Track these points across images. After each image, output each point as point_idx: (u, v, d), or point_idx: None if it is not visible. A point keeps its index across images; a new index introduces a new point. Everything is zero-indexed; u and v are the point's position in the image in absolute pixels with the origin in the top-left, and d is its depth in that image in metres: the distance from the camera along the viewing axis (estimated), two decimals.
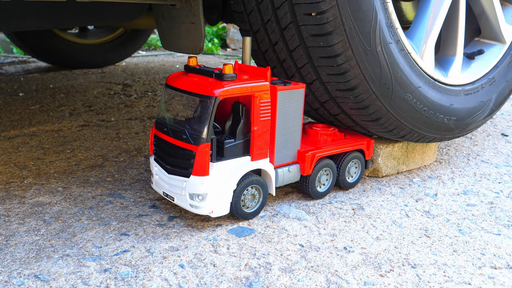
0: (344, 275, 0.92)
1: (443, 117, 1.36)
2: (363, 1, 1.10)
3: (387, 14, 1.17)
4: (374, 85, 1.19)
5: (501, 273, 0.95)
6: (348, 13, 1.09)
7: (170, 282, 0.88)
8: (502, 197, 1.32)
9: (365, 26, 1.13)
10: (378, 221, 1.15)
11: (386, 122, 1.27)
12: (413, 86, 1.26)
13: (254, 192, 1.11)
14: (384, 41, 1.17)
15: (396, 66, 1.21)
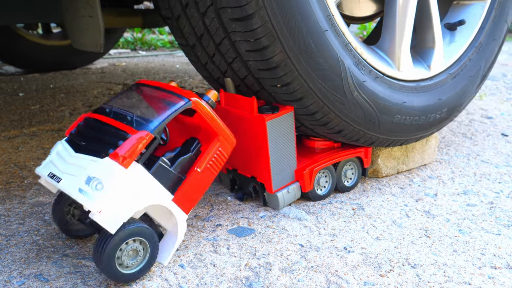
0: (344, 275, 0.92)
1: (434, 114, 1.34)
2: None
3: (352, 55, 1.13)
4: (359, 124, 1.19)
5: (501, 273, 0.95)
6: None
7: (170, 282, 0.88)
8: (502, 197, 1.32)
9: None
10: (378, 221, 1.15)
11: (379, 143, 1.29)
12: (397, 107, 1.23)
13: (137, 247, 0.86)
14: (357, 81, 1.14)
15: (375, 101, 1.18)
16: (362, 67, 1.15)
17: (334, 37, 1.08)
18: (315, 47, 1.04)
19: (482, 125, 2.10)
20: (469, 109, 2.39)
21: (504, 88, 3.15)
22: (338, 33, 1.09)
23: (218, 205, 1.21)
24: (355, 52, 1.14)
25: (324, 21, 1.05)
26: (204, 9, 1.04)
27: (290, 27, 1.00)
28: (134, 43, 4.33)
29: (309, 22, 1.02)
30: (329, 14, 1.07)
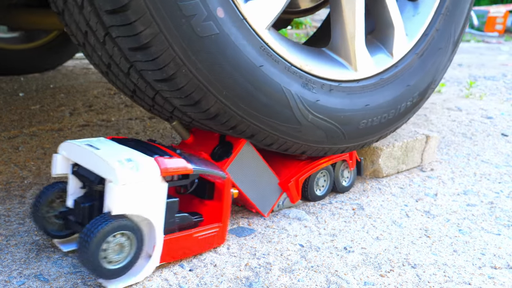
0: (344, 275, 0.92)
1: (405, 103, 1.25)
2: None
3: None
4: (322, 143, 1.13)
5: (501, 273, 0.95)
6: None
7: (170, 282, 0.88)
8: (502, 197, 1.32)
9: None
10: (378, 221, 1.15)
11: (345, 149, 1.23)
12: (360, 112, 1.15)
13: (123, 242, 0.85)
14: (309, 104, 1.06)
15: (334, 117, 1.10)
16: (312, 84, 1.06)
17: (272, 68, 0.98)
18: (253, 88, 0.96)
19: (482, 125, 2.10)
20: (469, 109, 2.40)
21: (504, 88, 3.14)
22: (276, 60, 0.99)
23: None
24: (301, 72, 1.04)
25: (258, 55, 0.96)
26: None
27: (221, 79, 0.92)
28: None
29: (241, 67, 0.93)
30: (262, 44, 0.97)
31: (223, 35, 0.90)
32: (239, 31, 0.92)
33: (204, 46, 0.88)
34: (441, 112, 2.31)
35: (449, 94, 2.80)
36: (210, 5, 0.87)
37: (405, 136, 1.48)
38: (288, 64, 1.02)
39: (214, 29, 0.88)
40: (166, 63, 0.86)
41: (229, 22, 0.91)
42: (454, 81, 3.38)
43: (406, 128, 1.58)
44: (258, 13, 0.96)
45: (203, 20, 0.87)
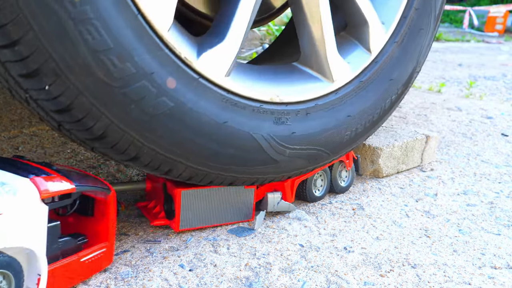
0: (344, 275, 0.92)
1: (389, 98, 1.16)
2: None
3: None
4: (307, 166, 1.09)
5: (501, 273, 0.95)
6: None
7: (170, 282, 0.88)
8: (502, 197, 1.32)
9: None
10: (378, 221, 1.15)
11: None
12: (344, 125, 1.09)
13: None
14: (285, 139, 1.00)
15: (313, 142, 1.04)
16: (286, 116, 0.99)
17: (238, 117, 0.93)
18: (219, 146, 0.92)
19: (482, 125, 2.10)
20: (469, 109, 2.40)
21: (504, 88, 3.14)
22: (243, 107, 0.93)
23: None
24: (272, 107, 0.97)
25: (221, 110, 0.90)
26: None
27: (185, 148, 0.89)
28: None
29: (204, 131, 0.89)
30: (224, 96, 0.91)
31: (179, 106, 0.85)
32: (195, 93, 0.87)
33: (161, 123, 0.84)
34: (441, 112, 2.31)
35: (449, 94, 2.80)
36: (159, 80, 0.81)
37: (405, 136, 1.48)
38: (257, 104, 0.95)
39: (168, 103, 0.84)
40: (126, 147, 0.85)
41: (183, 89, 0.85)
42: (454, 81, 3.38)
43: (406, 128, 1.58)
44: (215, 64, 0.89)
45: (154, 98, 0.82)
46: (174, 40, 0.83)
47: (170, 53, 0.83)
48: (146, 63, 0.80)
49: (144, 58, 0.79)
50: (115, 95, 0.78)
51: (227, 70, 0.90)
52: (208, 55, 0.88)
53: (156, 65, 0.81)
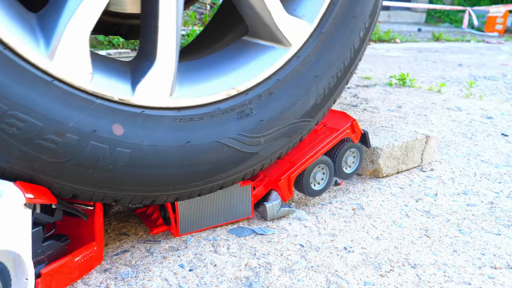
0: (344, 275, 0.92)
1: (310, 102, 1.03)
2: None
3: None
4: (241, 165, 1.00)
5: (501, 273, 0.95)
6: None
7: (170, 282, 0.88)
8: (502, 197, 1.32)
9: None
10: (378, 221, 1.15)
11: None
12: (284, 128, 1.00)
13: None
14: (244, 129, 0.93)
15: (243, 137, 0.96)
16: (250, 106, 0.93)
17: (199, 130, 0.88)
18: (192, 168, 0.89)
19: (482, 125, 2.10)
20: (469, 109, 2.40)
21: (504, 88, 3.14)
22: (200, 117, 0.87)
23: None
24: (235, 100, 0.92)
25: (178, 132, 0.85)
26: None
27: (160, 182, 0.86)
28: (134, 42, 4.32)
29: (168, 161, 0.86)
30: (177, 116, 0.85)
31: (135, 149, 0.81)
32: (146, 128, 0.82)
33: (126, 173, 0.81)
34: (441, 112, 2.31)
35: (449, 94, 2.80)
36: (105, 133, 0.78)
37: (405, 136, 1.48)
38: (213, 108, 0.89)
39: (124, 152, 0.80)
40: (102, 198, 0.85)
41: (134, 131, 0.80)
42: (454, 81, 3.38)
43: (406, 128, 1.58)
44: (154, 91, 0.82)
45: (109, 153, 0.78)
46: (101, 87, 0.77)
47: (103, 102, 0.77)
48: (85, 123, 0.75)
49: (80, 119, 0.74)
50: (69, 168, 0.75)
51: (169, 90, 0.83)
52: (143, 85, 0.81)
53: (95, 120, 0.76)
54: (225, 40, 1.04)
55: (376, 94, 2.70)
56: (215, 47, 1.03)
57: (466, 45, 6.76)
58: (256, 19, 0.94)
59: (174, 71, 0.84)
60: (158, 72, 0.82)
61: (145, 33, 0.83)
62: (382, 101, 2.52)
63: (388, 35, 6.70)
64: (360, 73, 3.52)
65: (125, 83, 0.80)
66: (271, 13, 0.92)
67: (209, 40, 1.12)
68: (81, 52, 0.74)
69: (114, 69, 0.81)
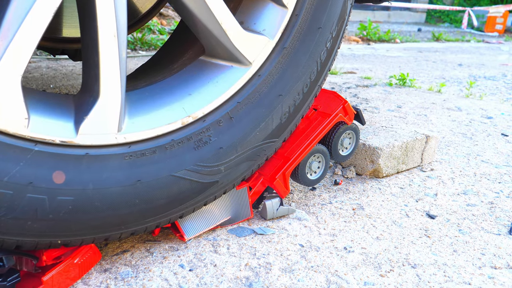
0: (344, 275, 0.92)
1: (269, 122, 0.97)
2: None
3: None
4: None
5: (501, 273, 0.95)
6: None
7: (170, 282, 0.88)
8: (502, 197, 1.32)
9: None
10: (378, 221, 1.15)
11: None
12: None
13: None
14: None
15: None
16: (206, 134, 0.87)
17: (149, 165, 0.82)
18: (146, 205, 0.84)
19: (482, 125, 2.10)
20: (469, 109, 2.40)
21: (504, 88, 3.15)
22: (147, 153, 0.82)
23: None
24: (186, 132, 0.85)
25: (129, 170, 0.80)
26: None
27: (114, 221, 0.81)
28: (134, 43, 4.32)
29: (120, 204, 0.81)
30: (126, 153, 0.80)
31: (80, 194, 0.75)
32: (92, 170, 0.76)
33: (71, 219, 0.76)
34: (441, 112, 2.31)
35: (449, 94, 2.80)
36: (43, 183, 0.72)
37: (405, 136, 1.48)
38: (168, 139, 0.83)
39: (67, 199, 0.74)
40: (48, 246, 0.80)
41: (77, 176, 0.74)
42: (454, 81, 3.38)
43: (406, 128, 1.58)
44: (99, 129, 0.77)
45: (48, 203, 0.73)
46: (40, 131, 0.70)
47: (42, 148, 0.71)
48: (21, 176, 0.69)
49: (16, 172, 0.68)
50: (5, 223, 0.71)
51: (117, 126, 0.77)
52: (87, 124, 0.75)
53: (33, 170, 0.70)
54: (183, 59, 0.97)
55: (376, 94, 2.70)
56: (172, 68, 0.96)
57: (466, 45, 6.77)
58: (210, 38, 0.88)
59: (121, 105, 0.77)
60: (103, 108, 0.75)
61: (86, 67, 0.77)
62: (382, 101, 2.52)
63: (388, 35, 6.70)
64: (360, 73, 3.52)
65: (67, 121, 0.74)
66: (225, 31, 0.86)
67: (166, 59, 1.04)
68: (13, 97, 0.66)
69: (55, 107, 0.74)
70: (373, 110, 2.30)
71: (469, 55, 5.24)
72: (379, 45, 6.14)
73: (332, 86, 2.94)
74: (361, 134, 1.48)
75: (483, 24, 9.69)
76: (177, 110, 0.84)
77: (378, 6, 11.00)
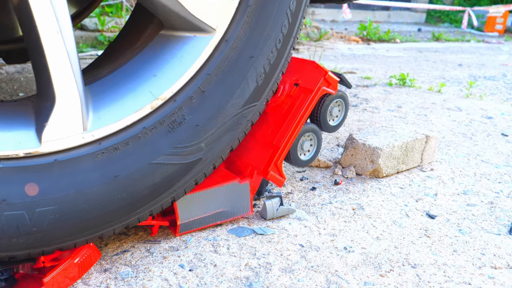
0: (344, 275, 0.92)
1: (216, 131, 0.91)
2: None
3: None
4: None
5: (501, 273, 0.95)
6: None
7: (170, 282, 0.88)
8: (502, 197, 1.32)
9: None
10: (378, 221, 1.15)
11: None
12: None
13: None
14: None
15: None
16: (179, 113, 0.83)
17: (124, 159, 0.79)
18: (132, 198, 0.83)
19: (482, 125, 2.10)
20: (469, 109, 2.40)
21: (504, 88, 3.15)
22: (120, 147, 0.79)
23: None
24: (156, 116, 0.81)
25: (105, 168, 0.78)
26: None
27: (100, 219, 0.80)
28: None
29: (103, 203, 0.80)
30: (98, 152, 0.77)
31: (60, 202, 0.73)
32: (66, 175, 0.73)
33: (57, 228, 0.75)
34: (441, 112, 2.31)
35: (449, 94, 2.80)
36: (17, 199, 0.70)
37: (405, 136, 1.48)
38: (140, 127, 0.79)
39: (47, 210, 0.72)
40: (40, 255, 0.81)
41: (52, 184, 0.72)
42: (454, 81, 3.38)
43: (406, 128, 1.58)
44: (64, 132, 0.73)
45: (29, 217, 0.71)
46: (1, 147, 0.68)
47: (7, 164, 0.69)
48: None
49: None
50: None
51: (81, 126, 0.74)
52: (49, 130, 0.72)
53: (3, 188, 0.68)
54: (144, 37, 0.90)
55: (376, 94, 2.70)
56: (134, 48, 0.91)
57: (466, 45, 6.77)
58: (163, 8, 0.81)
59: (82, 103, 0.74)
60: (62, 112, 0.72)
61: (36, 71, 0.73)
62: (382, 101, 2.52)
63: (388, 35, 6.70)
64: (360, 73, 3.52)
65: (28, 131, 0.71)
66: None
67: (127, 39, 0.98)
68: None
69: (13, 118, 0.71)
70: (373, 110, 2.30)
71: (469, 55, 5.24)
72: (379, 45, 6.14)
73: None
74: (361, 134, 1.48)
75: (483, 24, 9.69)
76: (144, 94, 0.80)
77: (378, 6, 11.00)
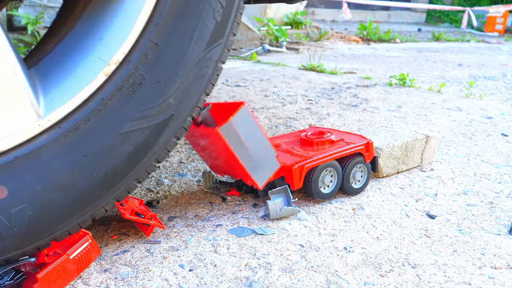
0: (344, 275, 0.92)
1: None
2: None
3: None
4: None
5: (501, 273, 0.95)
6: None
7: (170, 282, 0.88)
8: (502, 197, 1.32)
9: None
10: (378, 221, 1.15)
11: None
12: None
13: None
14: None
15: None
16: (136, 74, 0.78)
17: (96, 134, 0.76)
18: (120, 167, 0.80)
19: (482, 125, 2.10)
20: (469, 109, 2.40)
21: (504, 88, 3.14)
22: (86, 119, 0.75)
23: (218, 205, 1.21)
24: (117, 81, 0.77)
25: (75, 148, 0.75)
26: None
27: (87, 199, 0.79)
28: None
29: (98, 185, 0.78)
30: (61, 135, 0.74)
31: (32, 198, 0.71)
32: (33, 168, 0.71)
33: (41, 222, 0.73)
34: (441, 112, 2.31)
35: (449, 94, 2.80)
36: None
37: (405, 136, 1.48)
38: (99, 99, 0.75)
39: (24, 208, 0.70)
40: (34, 252, 0.80)
41: (19, 182, 0.69)
42: (454, 81, 3.38)
43: (406, 128, 1.58)
44: (15, 124, 0.70)
45: (7, 221, 0.69)
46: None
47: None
48: None
49: None
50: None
51: (34, 114, 0.70)
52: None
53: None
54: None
55: (376, 94, 2.70)
56: (75, 14, 0.82)
57: (466, 45, 6.77)
58: None
59: (28, 89, 0.69)
60: (5, 105, 0.67)
61: None
62: (382, 101, 2.52)
63: (388, 35, 6.70)
64: (360, 73, 3.52)
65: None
66: None
67: (68, 8, 0.89)
68: None
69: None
70: (373, 110, 2.30)
71: (469, 55, 5.24)
72: (379, 45, 6.14)
73: (332, 86, 2.94)
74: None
75: (483, 24, 9.69)
76: (95, 62, 0.74)
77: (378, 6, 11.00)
